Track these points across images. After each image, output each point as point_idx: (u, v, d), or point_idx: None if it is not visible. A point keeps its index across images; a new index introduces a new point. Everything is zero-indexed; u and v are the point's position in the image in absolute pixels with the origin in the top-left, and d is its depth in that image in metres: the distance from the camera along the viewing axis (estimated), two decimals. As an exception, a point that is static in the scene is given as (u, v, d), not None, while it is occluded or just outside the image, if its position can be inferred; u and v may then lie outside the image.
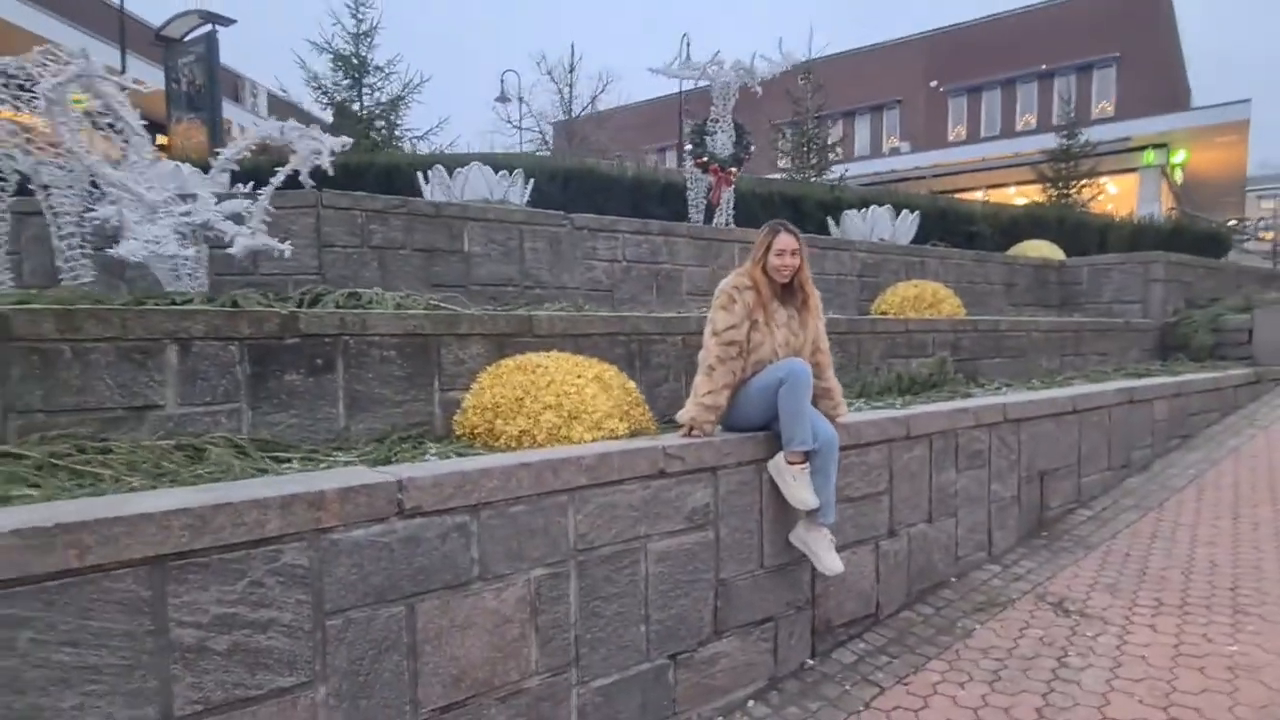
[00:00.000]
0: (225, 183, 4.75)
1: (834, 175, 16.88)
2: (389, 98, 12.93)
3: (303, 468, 2.91)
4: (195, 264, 4.02)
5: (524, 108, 26.30)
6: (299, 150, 3.88)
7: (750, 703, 3.12)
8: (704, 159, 8.46)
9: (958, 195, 19.35)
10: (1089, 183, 19.34)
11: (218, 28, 13.85)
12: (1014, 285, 10.21)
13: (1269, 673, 3.13)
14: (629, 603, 2.78)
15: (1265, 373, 8.13)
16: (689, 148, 8.87)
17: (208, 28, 13.88)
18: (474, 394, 3.49)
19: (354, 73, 12.66)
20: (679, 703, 2.94)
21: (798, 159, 17.42)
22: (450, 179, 7.53)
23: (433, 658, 2.32)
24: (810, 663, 3.39)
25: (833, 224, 10.28)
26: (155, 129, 4.46)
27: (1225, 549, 4.45)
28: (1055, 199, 18.68)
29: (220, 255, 4.79)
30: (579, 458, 2.64)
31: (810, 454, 3.11)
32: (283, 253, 4.00)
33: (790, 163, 17.89)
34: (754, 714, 3.06)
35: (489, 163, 8.21)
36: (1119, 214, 16.59)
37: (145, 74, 13.49)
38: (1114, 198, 22.17)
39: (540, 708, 2.56)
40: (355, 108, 12.69)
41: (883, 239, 9.68)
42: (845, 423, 3.52)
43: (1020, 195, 22.20)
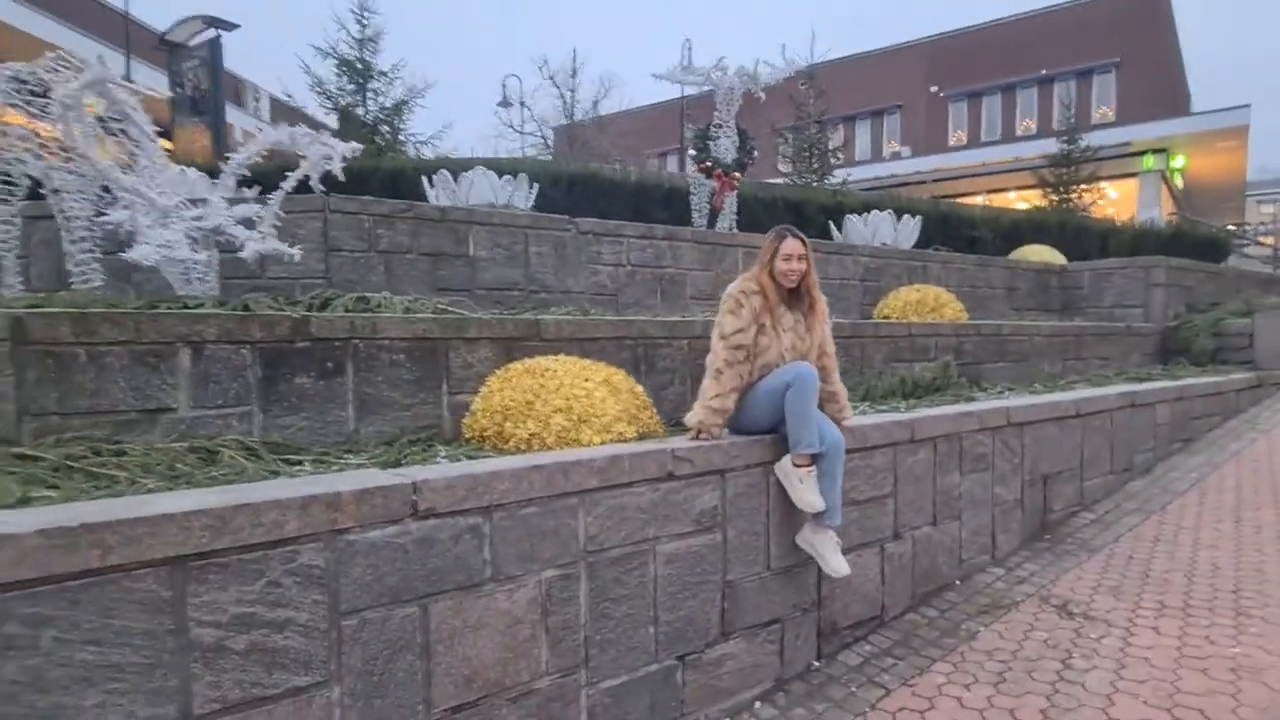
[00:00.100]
0: (231, 187, 4.80)
1: (836, 180, 16.89)
2: (393, 102, 13.00)
3: (314, 470, 2.93)
4: (206, 268, 4.06)
5: (526, 112, 26.38)
6: (310, 155, 3.92)
7: (757, 704, 3.14)
8: (708, 164, 8.50)
9: (958, 200, 19.41)
10: (1089, 188, 19.36)
11: (222, 32, 13.93)
12: (1015, 290, 10.24)
13: (1272, 674, 3.16)
14: (638, 604, 2.81)
15: (1266, 377, 8.16)
16: (693, 152, 8.92)
17: (212, 33, 13.95)
18: (483, 397, 3.52)
19: (358, 78, 12.72)
20: (687, 704, 2.96)
21: (799, 164, 17.44)
22: (455, 183, 7.57)
23: (445, 658, 2.34)
24: (816, 664, 3.41)
25: (835, 229, 10.31)
26: (159, 133, 4.51)
27: (1227, 552, 4.47)
28: (1056, 204, 18.70)
29: (228, 259, 4.82)
30: (590, 460, 2.67)
31: (817, 457, 3.13)
32: (292, 257, 4.04)
33: (792, 167, 17.91)
34: (761, 715, 3.08)
35: (493, 167, 8.25)
36: (1119, 219, 16.62)
37: (149, 79, 13.58)
38: (1114, 203, 22.19)
39: (550, 708, 2.58)
40: (359, 112, 12.74)
41: (885, 243, 9.71)
42: (851, 426, 3.54)
43: (1021, 200, 22.22)
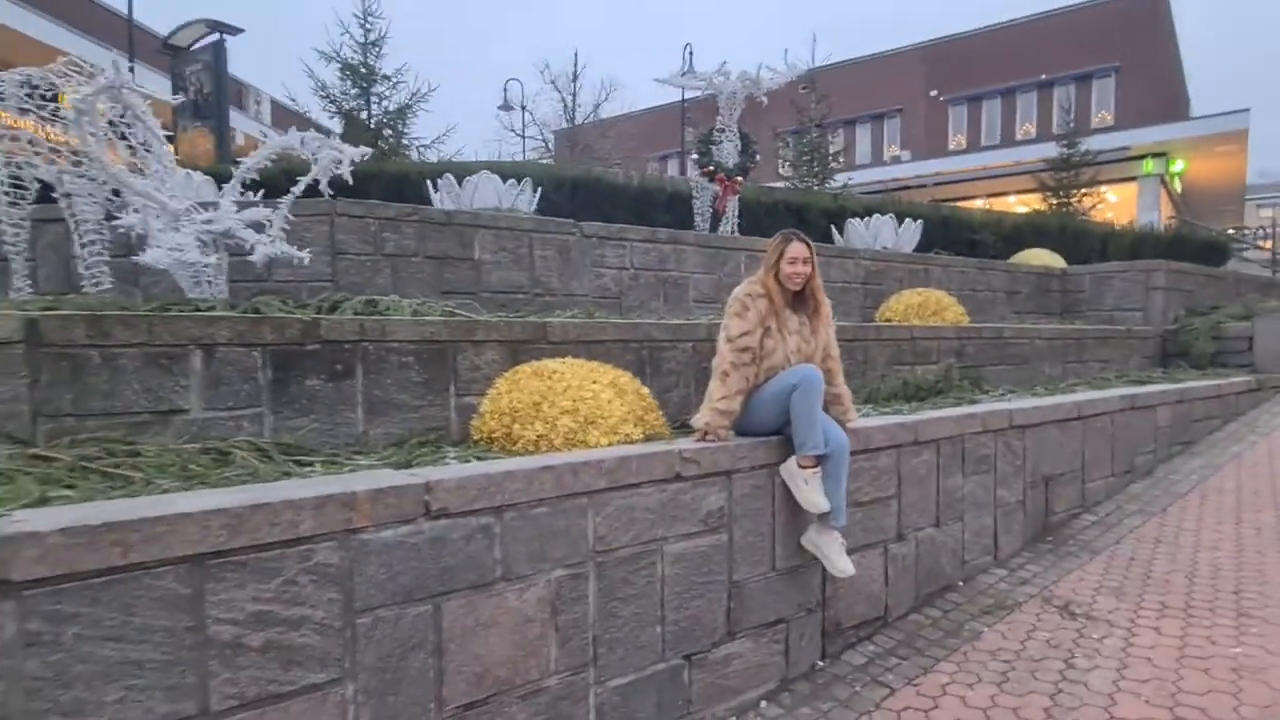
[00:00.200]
0: (239, 190, 4.83)
1: (837, 184, 16.94)
2: (396, 106, 13.04)
3: (326, 471, 2.96)
4: (216, 271, 4.10)
5: (527, 116, 26.44)
6: (320, 160, 3.96)
7: (763, 703, 3.17)
8: (710, 168, 8.55)
9: (959, 203, 19.46)
10: (1089, 191, 19.42)
11: (225, 36, 13.99)
12: (1016, 293, 10.27)
13: (1273, 673, 3.19)
14: (646, 604, 2.84)
15: (1266, 380, 8.20)
16: (695, 156, 8.96)
17: (215, 36, 14.02)
18: (491, 399, 3.55)
19: (362, 82, 12.77)
20: (693, 703, 2.99)
21: (801, 168, 17.50)
22: (460, 187, 7.61)
23: (457, 656, 2.37)
24: (821, 664, 3.44)
25: (836, 232, 10.35)
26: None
27: (1229, 553, 4.50)
28: (1056, 208, 18.76)
29: (235, 262, 4.85)
30: (599, 461, 2.70)
31: (822, 458, 3.16)
32: (302, 260, 4.07)
33: (793, 171, 17.96)
34: (767, 714, 3.11)
35: (497, 171, 8.29)
36: (1119, 223, 16.68)
37: (152, 83, 13.60)
38: (1114, 206, 22.26)
39: (559, 706, 2.61)
40: (363, 116, 12.78)
41: (886, 247, 9.74)
42: (855, 428, 3.57)
43: (1021, 204, 22.29)
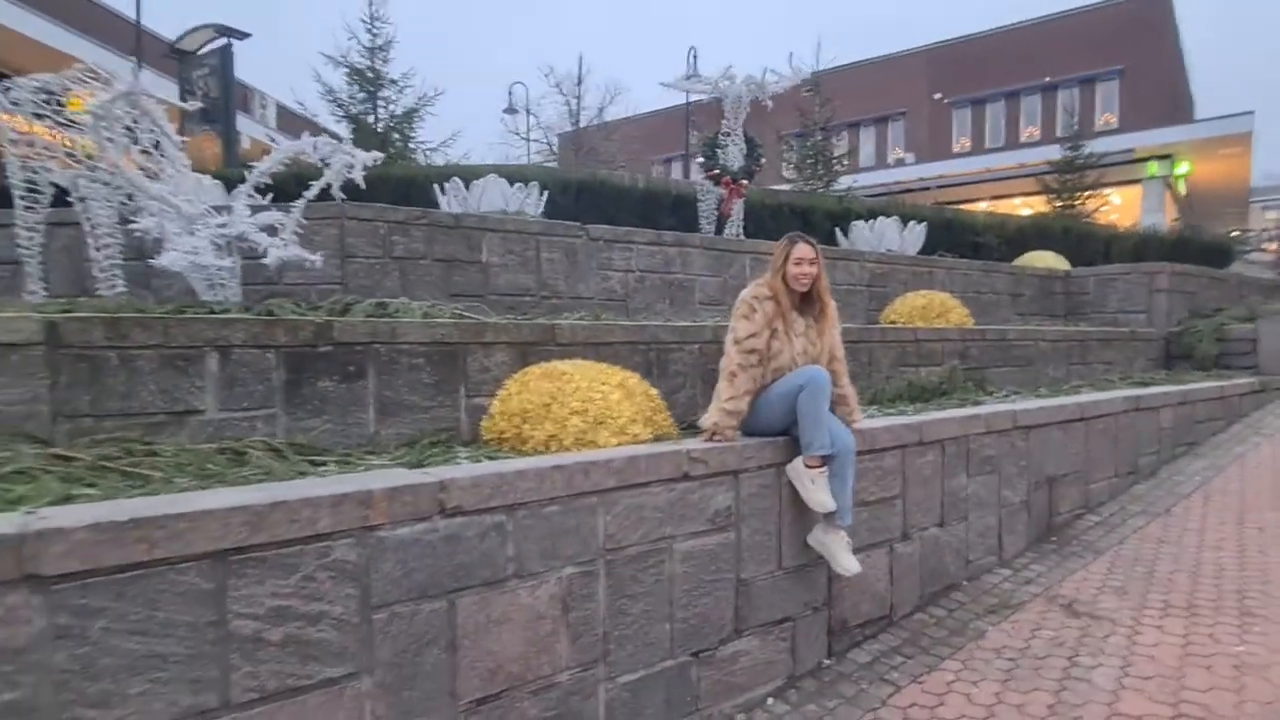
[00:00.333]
0: (251, 194, 4.89)
1: (841, 187, 16.97)
2: (403, 110, 13.12)
3: (340, 470, 3.01)
4: (229, 274, 4.15)
5: (532, 119, 26.52)
6: (333, 164, 4.02)
7: (770, 700, 3.20)
8: (716, 171, 8.59)
9: (962, 206, 19.47)
10: (1093, 194, 19.43)
11: (232, 41, 14.08)
12: (1020, 295, 10.30)
13: (1275, 671, 3.21)
14: (655, 601, 2.88)
15: (1269, 382, 8.21)
16: (701, 160, 9.01)
17: (222, 41, 14.11)
18: (501, 400, 3.59)
19: (369, 86, 12.85)
20: (701, 699, 3.03)
21: (805, 170, 17.53)
22: (467, 191, 7.66)
23: (471, 652, 2.41)
24: (827, 662, 3.48)
25: (841, 235, 10.39)
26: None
27: (1232, 553, 4.53)
28: (1060, 210, 18.78)
29: (246, 265, 4.91)
30: (608, 460, 2.74)
31: (828, 458, 3.20)
32: (314, 263, 4.13)
33: (798, 174, 18.00)
34: (774, 711, 3.15)
35: (503, 174, 8.35)
36: (1123, 225, 16.70)
37: (159, 87, 13.68)
38: (1118, 209, 22.28)
39: (570, 701, 2.65)
40: (370, 120, 12.86)
41: (890, 250, 9.78)
42: (860, 429, 3.60)
43: (1025, 206, 22.31)
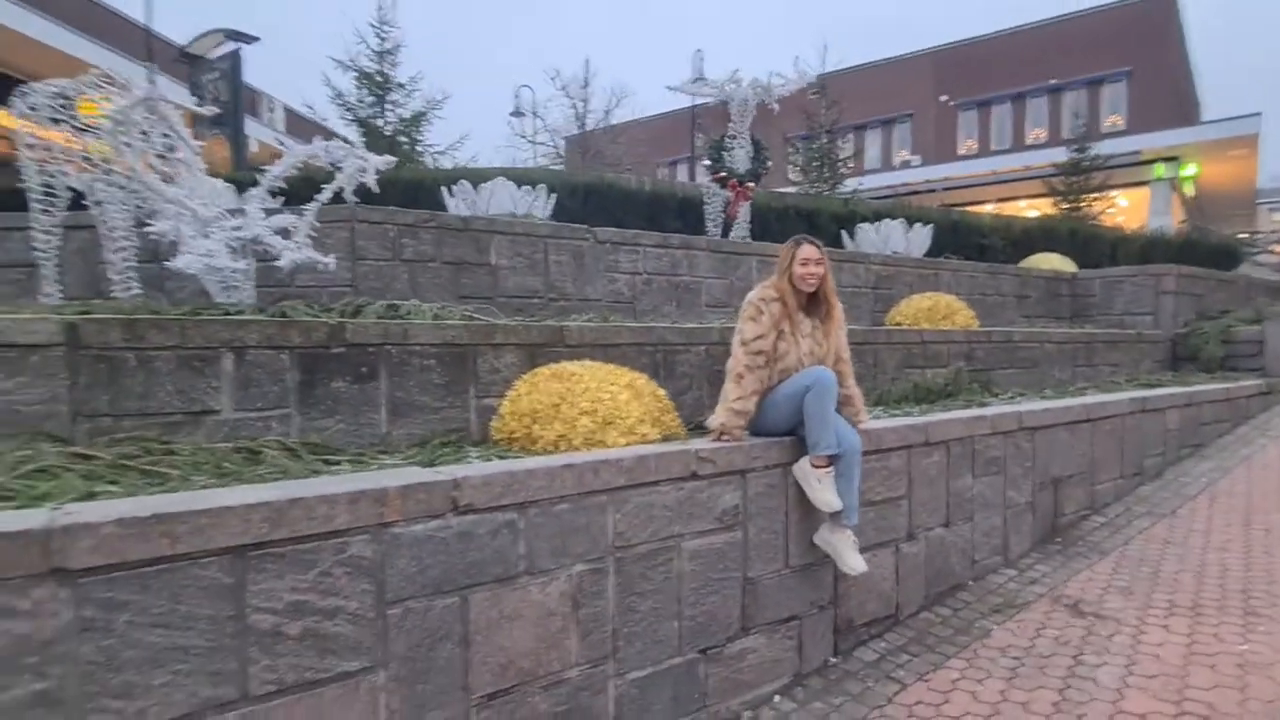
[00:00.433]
0: (266, 198, 4.95)
1: (847, 189, 17.00)
2: (411, 114, 13.20)
3: (353, 469, 3.06)
4: (244, 276, 4.21)
5: (538, 122, 26.60)
6: (346, 168, 4.08)
7: (777, 698, 3.24)
8: (722, 174, 8.64)
9: (968, 208, 19.47)
10: (1100, 196, 19.40)
11: (242, 45, 14.20)
12: (1026, 297, 10.30)
13: (1279, 670, 3.24)
14: (663, 599, 2.92)
15: (1276, 384, 8.20)
16: (707, 163, 9.05)
17: (232, 46, 14.23)
18: (511, 400, 3.64)
19: (378, 90, 12.94)
20: (709, 696, 3.06)
21: (811, 173, 17.56)
22: (475, 194, 7.72)
23: (483, 647, 2.46)
24: (833, 660, 3.51)
25: (847, 237, 10.41)
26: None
27: (1237, 554, 4.54)
28: (1066, 212, 18.75)
29: (258, 268, 4.97)
30: (618, 460, 2.79)
31: (834, 458, 3.24)
32: (327, 266, 4.18)
33: (804, 176, 18.02)
34: (780, 708, 3.18)
35: (511, 177, 8.41)
36: (1130, 227, 16.67)
37: (171, 91, 13.81)
38: (1124, 211, 22.24)
39: (580, 697, 2.70)
40: (379, 124, 12.95)
41: (896, 252, 9.80)
42: (866, 429, 3.64)
43: (1031, 208, 22.28)
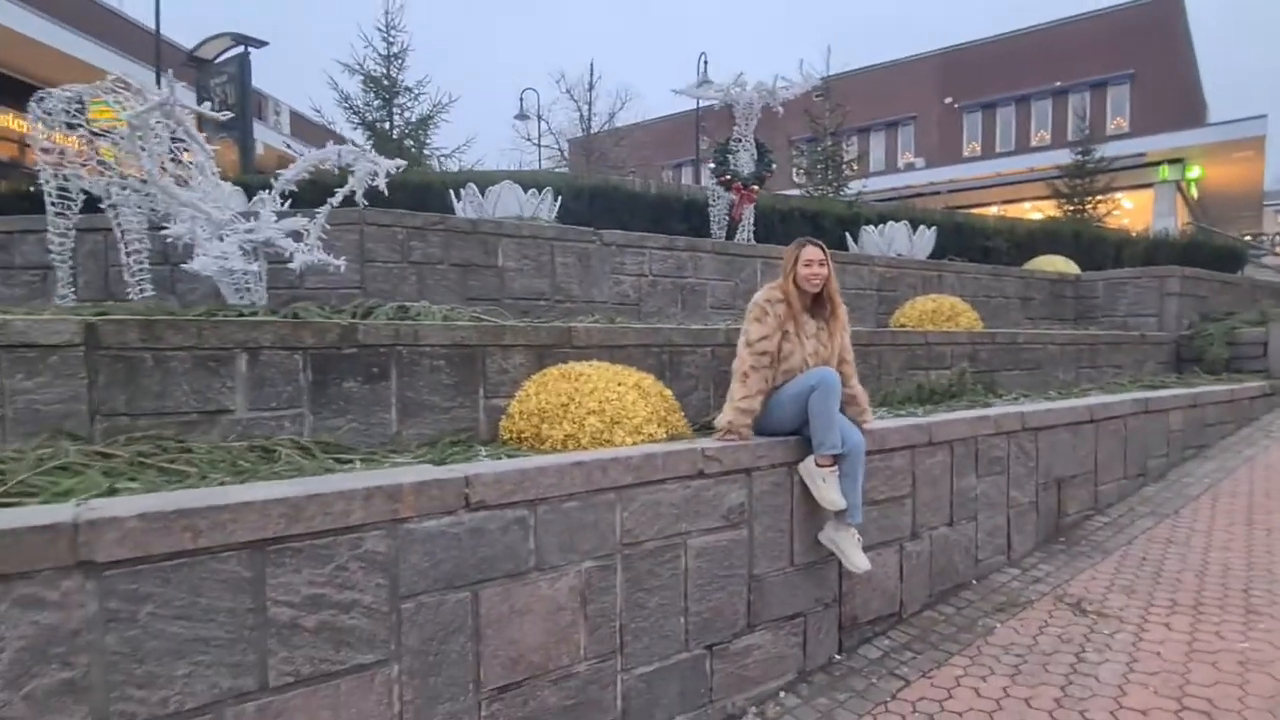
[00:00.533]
0: (277, 201, 5.01)
1: (851, 191, 17.03)
2: (418, 117, 13.28)
3: (366, 467, 3.11)
4: (256, 278, 4.28)
5: (543, 125, 26.72)
6: (357, 171, 4.14)
7: (782, 694, 3.28)
8: (727, 176, 8.69)
9: (972, 210, 19.50)
10: (1104, 198, 19.41)
11: (249, 49, 14.26)
12: (1030, 299, 10.32)
13: (1279, 667, 3.27)
14: (670, 595, 2.97)
15: (1280, 385, 8.22)
16: (712, 165, 9.10)
17: (240, 49, 14.29)
18: (519, 400, 3.69)
19: (384, 94, 13.01)
20: (715, 691, 3.11)
21: (815, 175, 17.60)
22: (482, 197, 7.78)
23: (493, 641, 2.51)
24: (838, 657, 3.55)
25: (851, 240, 10.45)
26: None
27: (1239, 554, 4.57)
28: (1070, 214, 18.76)
29: (269, 270, 5.03)
30: (626, 458, 2.84)
31: (839, 457, 3.28)
32: (338, 268, 4.25)
33: (808, 179, 18.07)
34: (785, 704, 3.22)
35: (517, 181, 8.46)
36: (1134, 229, 16.67)
37: (179, 96, 13.86)
38: (1129, 213, 22.24)
39: (588, 691, 2.75)
40: (386, 127, 13.03)
41: (900, 254, 9.82)
42: (871, 429, 3.68)
43: (1035, 210, 22.29)
